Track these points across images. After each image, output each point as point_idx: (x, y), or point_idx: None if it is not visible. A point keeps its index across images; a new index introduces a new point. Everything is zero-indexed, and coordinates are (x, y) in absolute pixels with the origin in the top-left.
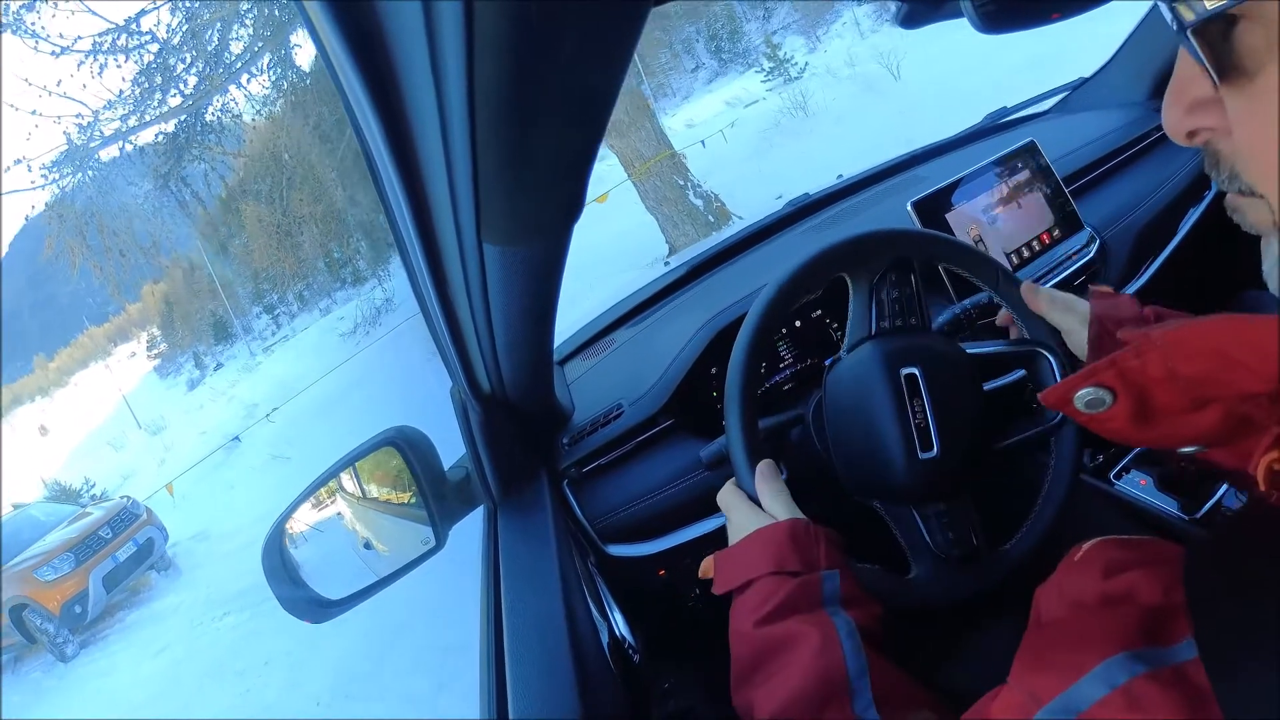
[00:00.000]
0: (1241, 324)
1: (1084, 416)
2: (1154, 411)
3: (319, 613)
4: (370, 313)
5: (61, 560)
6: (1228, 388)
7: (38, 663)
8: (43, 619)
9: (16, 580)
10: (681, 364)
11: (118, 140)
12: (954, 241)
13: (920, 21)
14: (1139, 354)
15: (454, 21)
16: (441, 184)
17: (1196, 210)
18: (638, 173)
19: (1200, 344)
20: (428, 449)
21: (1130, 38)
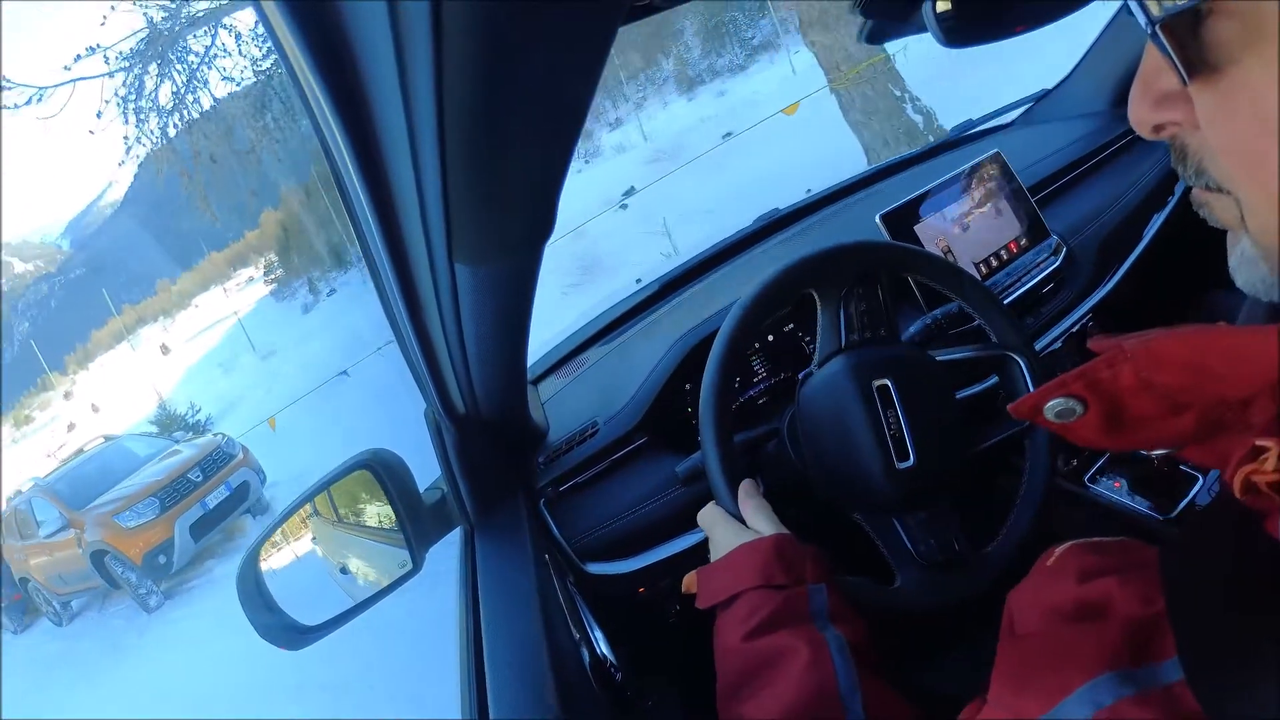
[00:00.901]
0: (1216, 334)
1: (1055, 426)
2: (1127, 419)
3: (295, 639)
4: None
5: (146, 505)
6: (1203, 396)
7: (121, 607)
8: (124, 567)
9: (97, 525)
10: (655, 381)
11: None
12: (918, 252)
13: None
14: (1110, 364)
15: (423, 40)
16: (412, 204)
17: (1160, 216)
18: (843, 79)
19: (1174, 355)
20: (402, 471)
21: (1092, 48)
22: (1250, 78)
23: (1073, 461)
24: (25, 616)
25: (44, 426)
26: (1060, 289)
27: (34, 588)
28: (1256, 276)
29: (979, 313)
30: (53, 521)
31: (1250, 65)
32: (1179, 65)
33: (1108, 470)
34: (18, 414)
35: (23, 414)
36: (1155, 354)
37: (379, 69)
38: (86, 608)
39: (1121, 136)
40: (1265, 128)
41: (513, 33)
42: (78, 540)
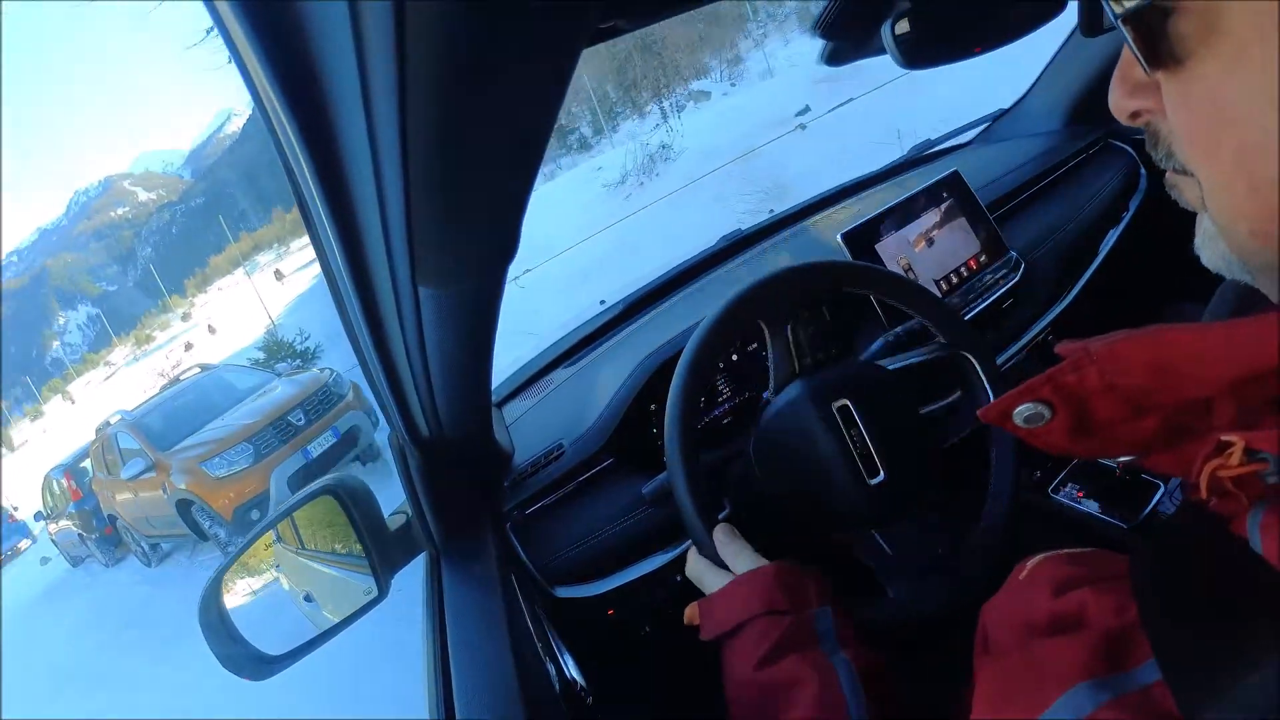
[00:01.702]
0: (1177, 333)
1: (1023, 431)
2: (1093, 424)
3: (260, 669)
4: (643, 160)
5: (238, 452)
6: (1167, 396)
7: (213, 557)
8: (212, 521)
9: (183, 471)
10: (620, 402)
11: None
12: (856, 266)
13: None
14: (1076, 368)
15: (385, 63)
16: (375, 225)
17: (1116, 230)
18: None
19: (1138, 356)
20: (366, 497)
21: (1046, 69)
22: (1207, 70)
23: (1036, 474)
24: (116, 550)
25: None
26: (1020, 304)
27: (122, 525)
28: (1217, 253)
29: (925, 316)
30: (137, 462)
31: (1207, 59)
32: (1140, 57)
33: (1070, 481)
34: (139, 334)
35: (144, 334)
36: (1119, 356)
37: (342, 90)
38: (177, 550)
39: (1077, 154)
40: (1220, 117)
41: (476, 55)
42: (163, 486)
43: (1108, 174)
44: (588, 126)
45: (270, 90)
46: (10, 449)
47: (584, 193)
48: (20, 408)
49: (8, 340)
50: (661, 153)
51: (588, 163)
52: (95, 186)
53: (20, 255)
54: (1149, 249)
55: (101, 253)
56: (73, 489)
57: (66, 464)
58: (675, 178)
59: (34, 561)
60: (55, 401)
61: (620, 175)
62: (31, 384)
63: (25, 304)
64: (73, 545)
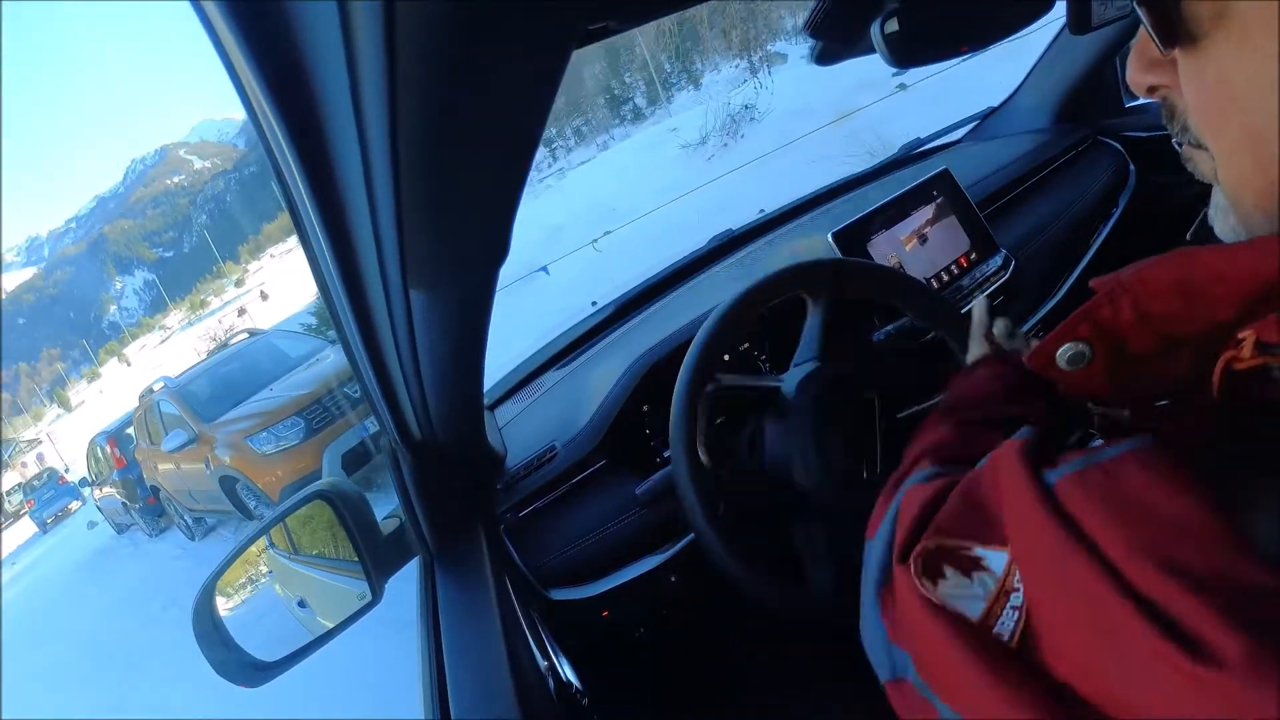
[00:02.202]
0: (1201, 253)
1: (1067, 377)
2: (1129, 360)
3: (254, 676)
4: (724, 120)
5: (287, 426)
6: (1196, 322)
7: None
8: (258, 500)
9: (228, 445)
10: (612, 403)
11: None
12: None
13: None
14: (1111, 300)
15: (375, 64)
16: (365, 228)
17: (1106, 227)
18: None
19: (1165, 277)
20: (359, 502)
21: (1035, 67)
22: (1219, 51)
23: None
24: (160, 520)
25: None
26: (1010, 301)
27: (165, 497)
28: (1228, 225)
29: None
30: (180, 433)
31: (1217, 39)
32: (1154, 36)
33: None
34: (194, 299)
35: (198, 299)
36: (1147, 280)
37: (331, 92)
38: (221, 525)
39: (1066, 151)
40: (1228, 94)
41: (466, 56)
42: (205, 460)
43: (1097, 171)
44: (642, 97)
45: (258, 91)
46: (68, 409)
47: (659, 155)
48: (78, 370)
49: (66, 305)
50: (745, 113)
51: (660, 125)
52: (152, 155)
53: (79, 222)
54: (1139, 245)
55: (158, 219)
56: (116, 456)
57: (111, 430)
58: (763, 139)
59: (82, 524)
60: (112, 364)
61: (700, 136)
62: (89, 347)
63: (83, 269)
64: (117, 513)
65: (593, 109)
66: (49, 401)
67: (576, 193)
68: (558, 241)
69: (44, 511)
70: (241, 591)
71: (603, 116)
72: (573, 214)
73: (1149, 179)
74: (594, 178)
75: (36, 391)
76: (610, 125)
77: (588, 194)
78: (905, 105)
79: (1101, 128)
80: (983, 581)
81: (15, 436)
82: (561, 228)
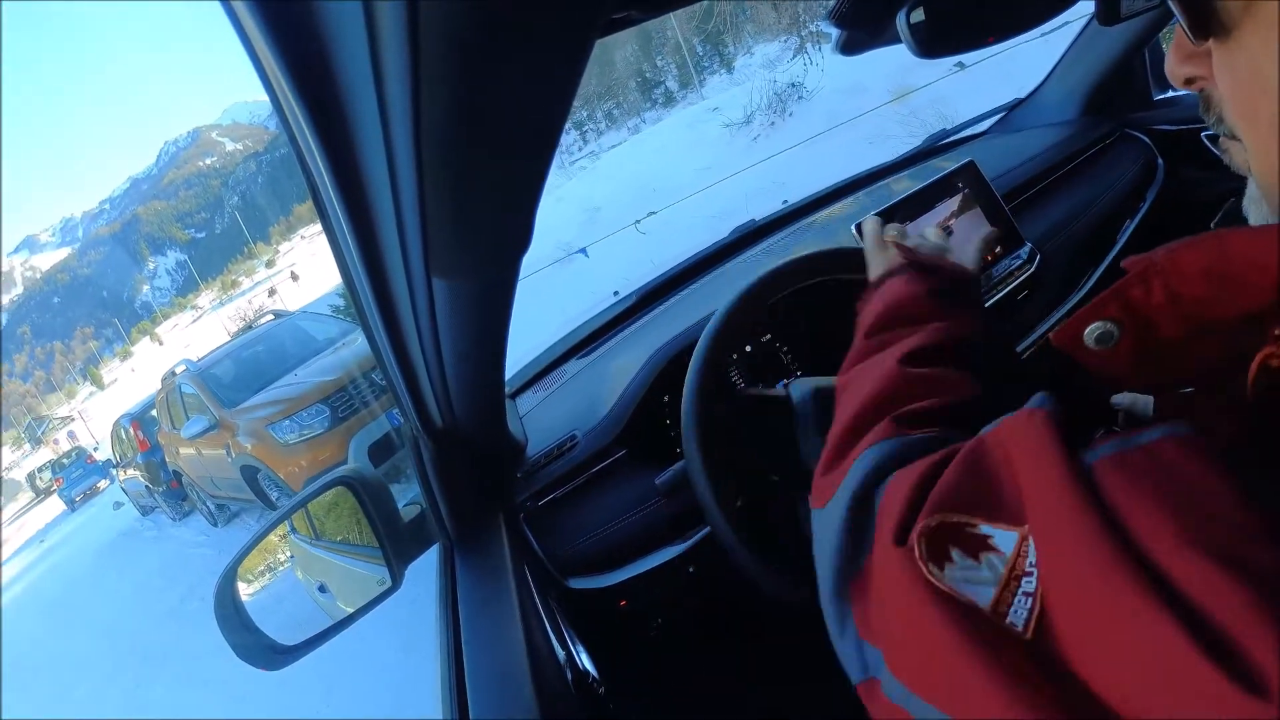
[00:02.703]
0: (1235, 236)
1: (1093, 356)
2: (1157, 345)
3: (274, 659)
4: (771, 99)
5: (312, 414)
6: (1226, 307)
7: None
8: (280, 491)
9: (250, 434)
10: (633, 393)
11: None
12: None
13: (860, 48)
14: (1143, 279)
15: (399, 54)
16: (389, 218)
17: (1132, 222)
18: None
19: (1197, 261)
20: (381, 488)
21: (1063, 58)
22: (1248, 41)
23: None
24: (183, 504)
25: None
26: (1034, 295)
27: (187, 482)
28: (1261, 215)
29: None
30: (200, 419)
31: (1247, 29)
32: (1186, 27)
33: None
34: (225, 279)
35: (230, 279)
36: (1180, 262)
37: (356, 83)
38: (245, 511)
39: (1093, 144)
40: (1259, 86)
41: (489, 48)
42: (227, 447)
43: (1125, 164)
44: (674, 80)
45: (283, 81)
46: (100, 387)
47: (700, 134)
48: (111, 348)
49: (99, 284)
50: (792, 91)
51: (695, 107)
52: (184, 137)
53: (112, 203)
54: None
55: (190, 200)
56: (140, 439)
57: (134, 412)
58: (813, 118)
59: (109, 504)
60: (144, 343)
61: (744, 115)
62: (121, 326)
63: (117, 250)
64: (141, 495)
65: (624, 92)
66: (82, 379)
67: (613, 173)
68: (596, 223)
69: (72, 490)
70: (263, 575)
71: (634, 100)
72: (611, 195)
73: (1177, 173)
74: (632, 158)
75: (70, 369)
76: (641, 108)
77: (626, 174)
78: (963, 84)
79: (1129, 121)
80: (991, 564)
81: (49, 413)
82: (600, 208)
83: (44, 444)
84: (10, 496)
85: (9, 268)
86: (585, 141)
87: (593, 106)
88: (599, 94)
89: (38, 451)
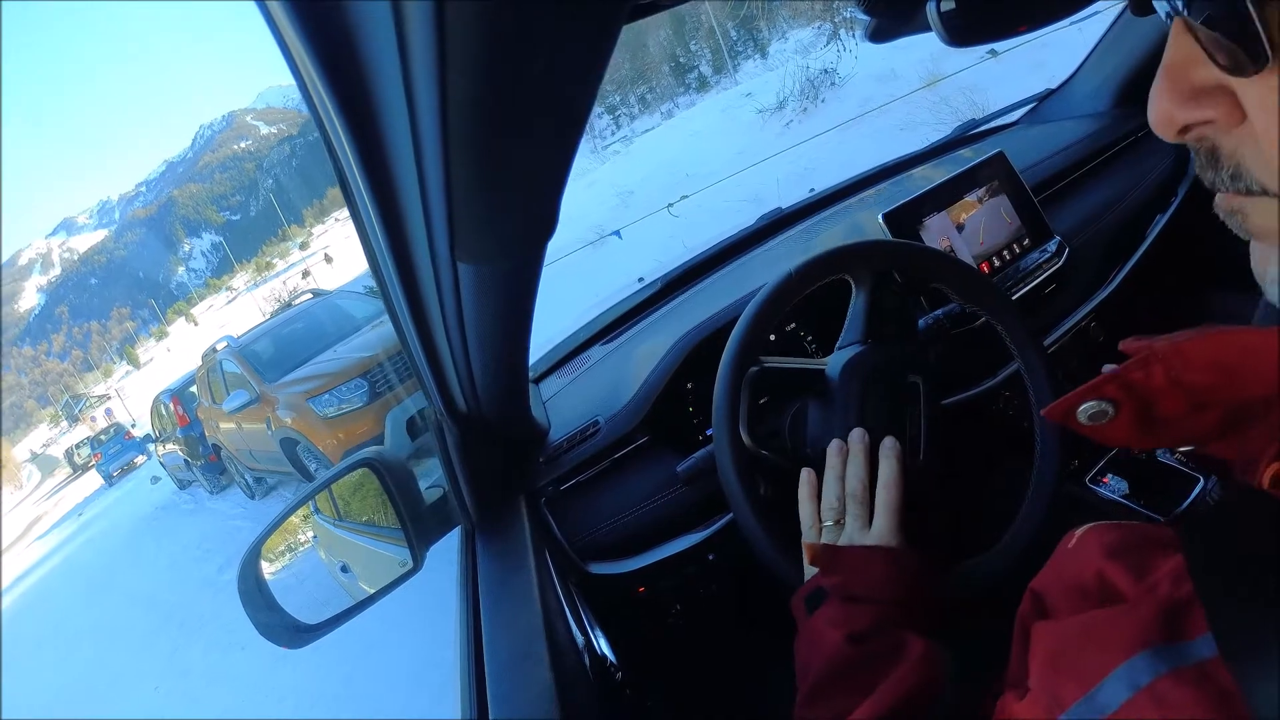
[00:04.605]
0: (1242, 335)
1: (1085, 428)
2: (1156, 419)
3: (296, 638)
4: (803, 85)
5: (350, 389)
6: (1231, 393)
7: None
8: (319, 463)
9: (290, 407)
10: (657, 380)
11: None
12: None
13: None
14: (1144, 365)
15: (425, 38)
16: (414, 202)
17: (1163, 217)
18: None
19: (1204, 356)
20: (403, 470)
21: (1095, 49)
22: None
23: (1073, 463)
24: (221, 478)
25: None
26: (1062, 290)
27: (226, 455)
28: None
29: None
30: (241, 393)
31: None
32: (1219, 54)
33: (1107, 472)
34: (259, 261)
35: (264, 261)
36: (1185, 354)
37: (382, 67)
38: (282, 484)
39: (1125, 137)
40: None
41: (516, 31)
42: (267, 420)
43: (1156, 158)
44: (707, 65)
45: (310, 66)
46: (136, 366)
47: (733, 120)
48: (147, 328)
49: (136, 265)
50: (824, 78)
51: (727, 93)
52: (219, 120)
53: (149, 186)
54: (1197, 237)
55: (225, 183)
56: (179, 414)
57: (174, 388)
58: (846, 104)
59: (146, 479)
60: (179, 323)
61: (777, 101)
62: (157, 306)
63: (153, 231)
64: (180, 469)
65: (658, 76)
66: (118, 358)
67: (647, 158)
68: (629, 206)
69: (110, 465)
70: (286, 555)
71: (668, 84)
72: (644, 178)
73: None
74: (665, 142)
75: (107, 349)
76: (675, 93)
77: (659, 159)
78: (996, 72)
79: None
80: None
81: (86, 392)
82: (633, 192)
83: (81, 421)
84: (48, 472)
85: (47, 249)
86: (618, 126)
87: (626, 91)
88: (632, 78)
89: (75, 429)
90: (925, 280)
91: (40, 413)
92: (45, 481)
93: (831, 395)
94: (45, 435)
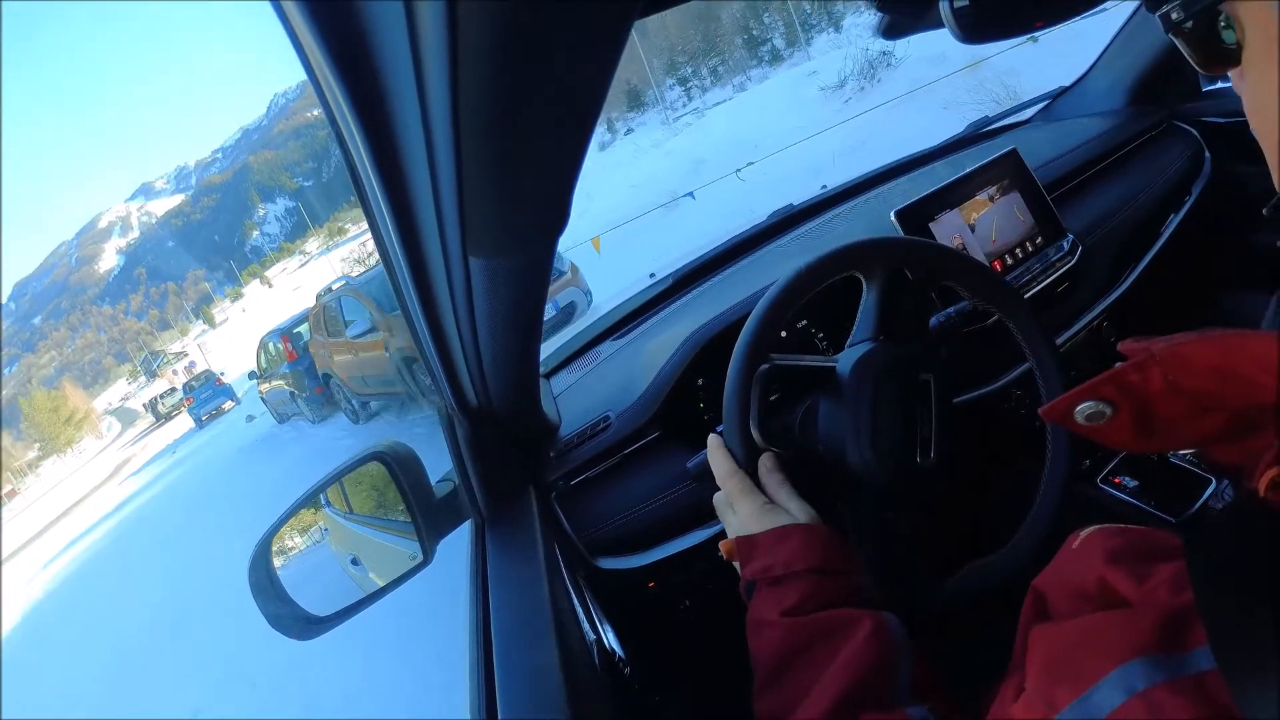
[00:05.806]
0: (1243, 339)
1: (1084, 429)
2: (1156, 422)
3: (306, 629)
4: (863, 65)
5: None
6: (1233, 399)
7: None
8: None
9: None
10: (668, 375)
11: None
12: (963, 258)
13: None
14: (1140, 368)
15: (437, 32)
16: (426, 196)
17: (1177, 216)
18: None
19: (1203, 360)
20: (414, 463)
21: (1109, 46)
22: (1247, 71)
23: (1085, 463)
24: (324, 408)
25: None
26: (1075, 288)
27: (335, 384)
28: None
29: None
30: (362, 322)
31: (1245, 61)
32: (1193, 61)
33: (1120, 472)
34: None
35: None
36: (1183, 358)
37: (395, 63)
38: (385, 410)
39: (1139, 135)
40: (1262, 114)
41: (527, 27)
42: (385, 344)
43: (1170, 157)
44: (780, 38)
45: (323, 63)
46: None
47: (800, 95)
48: (222, 289)
49: (211, 229)
50: (882, 59)
51: (799, 68)
52: (294, 89)
53: (224, 152)
54: (1210, 236)
55: (298, 150)
56: (289, 350)
57: (283, 328)
58: (898, 84)
59: (238, 420)
60: (254, 285)
61: (838, 80)
62: (234, 267)
63: (229, 196)
64: (283, 403)
65: (730, 49)
66: (194, 317)
67: (717, 130)
68: (700, 173)
69: (201, 409)
70: (296, 547)
71: (740, 57)
72: (715, 148)
73: (1224, 167)
74: (735, 116)
75: (183, 308)
76: (748, 66)
77: (729, 131)
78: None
79: (1177, 112)
80: None
81: (163, 349)
82: (704, 160)
83: (160, 376)
84: (128, 424)
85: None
86: (690, 98)
87: (699, 63)
88: (704, 50)
89: (153, 383)
90: (937, 278)
91: (119, 369)
92: (126, 431)
93: (842, 393)
94: (124, 389)
